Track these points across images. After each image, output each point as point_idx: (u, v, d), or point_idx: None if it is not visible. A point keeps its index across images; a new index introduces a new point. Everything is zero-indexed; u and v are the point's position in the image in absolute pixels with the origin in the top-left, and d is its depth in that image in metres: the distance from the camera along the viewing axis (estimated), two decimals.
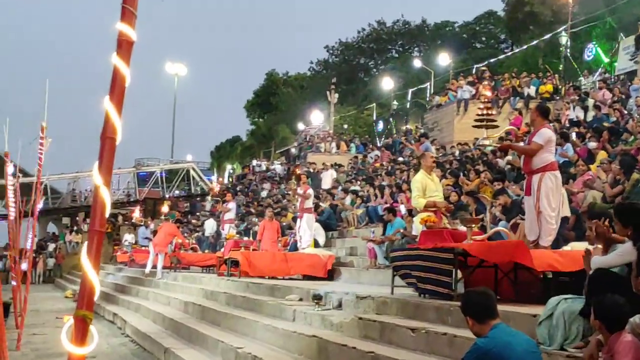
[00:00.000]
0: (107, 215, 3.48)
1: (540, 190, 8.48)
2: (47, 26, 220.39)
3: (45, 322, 16.86)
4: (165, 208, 29.76)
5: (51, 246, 41.43)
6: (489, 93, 11.47)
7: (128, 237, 31.08)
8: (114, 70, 3.55)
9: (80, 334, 3.39)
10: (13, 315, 14.66)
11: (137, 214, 37.78)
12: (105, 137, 3.50)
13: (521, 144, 9.10)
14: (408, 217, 13.84)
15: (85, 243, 3.48)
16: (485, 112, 9.81)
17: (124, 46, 3.59)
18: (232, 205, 21.75)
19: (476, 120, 10.09)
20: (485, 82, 18.74)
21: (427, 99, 40.73)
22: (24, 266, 16.28)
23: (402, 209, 15.63)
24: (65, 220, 47.34)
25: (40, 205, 15.50)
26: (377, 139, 42.31)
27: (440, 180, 16.30)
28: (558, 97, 28.15)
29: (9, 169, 14.03)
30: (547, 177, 8.49)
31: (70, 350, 3.41)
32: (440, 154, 24.00)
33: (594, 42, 34.55)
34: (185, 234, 25.65)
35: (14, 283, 14.16)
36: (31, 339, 13.85)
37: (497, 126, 10.29)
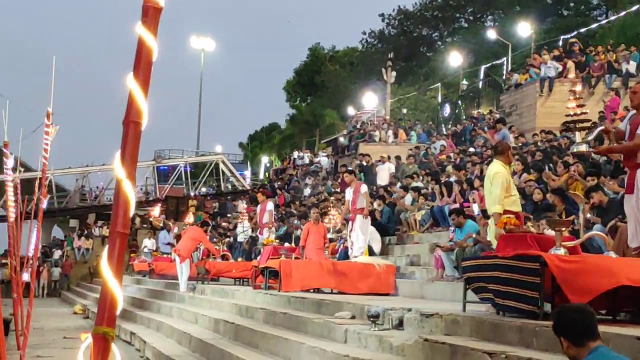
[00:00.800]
0: (131, 213, 3.51)
1: None
2: None
3: (52, 343, 17.09)
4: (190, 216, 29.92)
5: (57, 253, 41.89)
6: (579, 87, 11.04)
7: (147, 243, 31.42)
8: (139, 42, 3.55)
9: (101, 355, 3.42)
10: (14, 334, 14.88)
11: (156, 213, 38.06)
12: (128, 121, 3.52)
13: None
14: (482, 219, 13.74)
15: (106, 248, 3.51)
16: (576, 111, 9.25)
17: (151, 13, 3.58)
18: (269, 206, 21.71)
19: (565, 123, 9.90)
20: (575, 75, 18.22)
21: (504, 78, 40.42)
22: (26, 277, 16.49)
23: (475, 208, 15.48)
24: (73, 223, 47.89)
25: (44, 205, 15.66)
26: (443, 125, 42.14)
27: (520, 175, 16.22)
28: None
29: (9, 162, 14.22)
30: None
31: None
32: (520, 144, 23.79)
33: None
34: (214, 240, 25.80)
35: (14, 296, 14.37)
36: None
37: (591, 127, 10.11)
